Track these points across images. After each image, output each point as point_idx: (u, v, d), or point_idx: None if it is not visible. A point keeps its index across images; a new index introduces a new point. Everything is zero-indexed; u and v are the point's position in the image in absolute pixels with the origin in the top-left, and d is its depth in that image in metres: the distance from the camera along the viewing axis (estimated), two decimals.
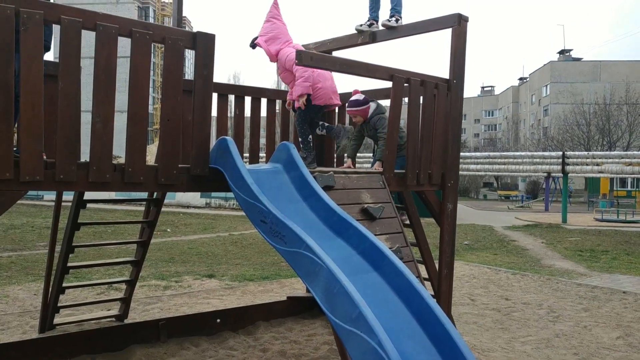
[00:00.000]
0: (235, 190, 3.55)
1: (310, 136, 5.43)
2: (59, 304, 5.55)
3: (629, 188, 45.38)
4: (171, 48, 3.64)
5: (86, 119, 3.73)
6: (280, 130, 6.27)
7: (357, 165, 6.66)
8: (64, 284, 5.43)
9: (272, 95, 6.04)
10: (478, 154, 30.51)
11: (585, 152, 27.29)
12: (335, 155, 6.42)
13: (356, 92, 5.57)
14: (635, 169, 22.64)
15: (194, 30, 3.91)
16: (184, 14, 6.08)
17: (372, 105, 5.39)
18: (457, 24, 5.12)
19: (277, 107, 6.21)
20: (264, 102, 5.90)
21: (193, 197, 26.34)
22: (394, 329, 2.74)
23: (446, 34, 5.30)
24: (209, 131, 3.88)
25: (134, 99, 3.52)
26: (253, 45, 5.41)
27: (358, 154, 5.83)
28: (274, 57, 5.30)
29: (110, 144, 3.43)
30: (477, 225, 20.61)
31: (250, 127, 6.11)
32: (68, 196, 4.90)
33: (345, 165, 5.65)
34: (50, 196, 25.31)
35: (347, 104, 5.51)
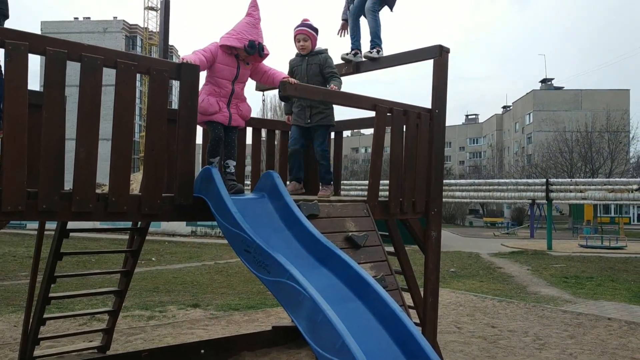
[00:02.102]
0: (219, 219, 3.55)
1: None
2: (40, 336, 5.44)
3: (613, 214, 45.86)
4: (156, 79, 3.67)
5: (71, 147, 3.73)
6: (266, 159, 6.31)
7: (342, 192, 6.70)
8: (45, 315, 5.33)
9: (257, 124, 6.08)
10: (463, 181, 30.74)
11: (569, 179, 27.64)
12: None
13: (306, 19, 5.41)
14: (617, 195, 22.92)
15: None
16: (171, 44, 6.16)
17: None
18: (439, 55, 5.23)
19: (262, 135, 6.24)
20: (249, 130, 5.94)
21: (179, 226, 26.18)
22: (377, 358, 2.74)
23: (428, 64, 5.42)
24: (194, 161, 3.89)
25: (118, 129, 3.54)
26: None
27: (344, 181, 5.86)
28: None
29: (93, 174, 3.43)
30: (463, 252, 20.65)
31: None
32: (51, 225, 4.86)
33: (286, 119, 5.73)
34: (33, 225, 24.96)
35: (300, 25, 5.33)
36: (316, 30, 5.33)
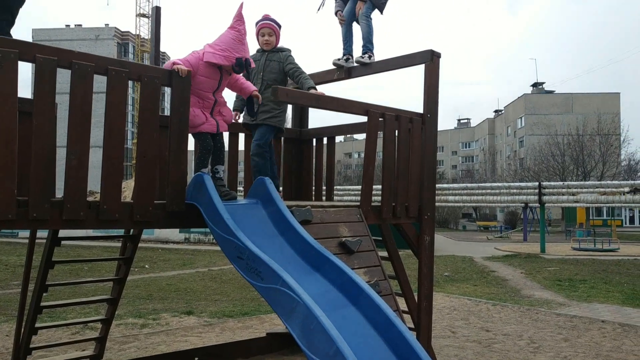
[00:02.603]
0: (212, 226, 3.53)
1: None
2: (32, 345, 5.38)
3: (605, 217, 46.10)
4: (147, 86, 3.66)
5: (62, 155, 3.71)
6: None
7: (335, 197, 6.69)
8: (37, 324, 5.28)
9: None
10: (456, 185, 30.83)
11: (561, 183, 27.80)
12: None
13: (268, 14, 5.14)
14: (609, 198, 23.05)
15: None
16: (163, 51, 6.15)
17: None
18: (430, 60, 5.25)
19: None
20: (241, 136, 5.93)
21: (172, 233, 26.07)
22: None
23: (414, 71, 5.44)
24: (186, 167, 3.88)
25: (109, 136, 3.52)
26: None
27: (337, 187, 5.84)
28: None
29: (85, 182, 3.41)
30: (457, 256, 20.68)
31: (228, 162, 6.11)
32: (43, 233, 4.82)
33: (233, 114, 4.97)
34: (25, 233, 24.80)
35: (265, 19, 5.05)
36: (279, 26, 5.11)
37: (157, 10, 5.78)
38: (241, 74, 4.24)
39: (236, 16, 4.09)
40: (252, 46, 5.13)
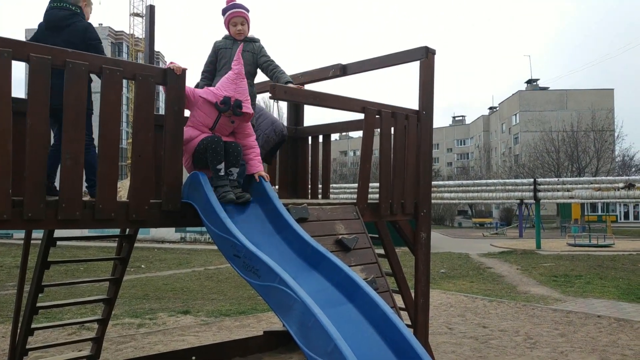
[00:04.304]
0: (208, 225, 3.52)
1: None
2: (28, 346, 5.37)
3: (600, 212, 46.30)
4: (142, 84, 3.65)
5: None
6: None
7: (331, 196, 6.69)
8: (33, 325, 5.27)
9: None
10: (451, 182, 30.86)
11: (556, 179, 27.87)
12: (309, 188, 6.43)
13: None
14: (604, 194, 23.13)
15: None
16: (157, 50, 6.12)
17: None
18: (425, 56, 5.25)
19: None
20: None
21: (168, 232, 26.01)
22: None
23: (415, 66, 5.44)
24: (181, 166, 3.86)
25: (104, 135, 3.50)
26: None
27: (333, 185, 5.81)
28: None
29: (80, 181, 3.40)
30: (453, 253, 20.71)
31: None
32: (38, 234, 4.80)
33: None
34: (20, 234, 24.71)
35: (237, 6, 4.71)
36: (248, 12, 4.80)
37: (151, 9, 5.76)
38: (227, 113, 3.92)
39: (235, 56, 4.03)
40: (218, 35, 4.99)
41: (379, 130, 5.00)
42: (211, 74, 4.78)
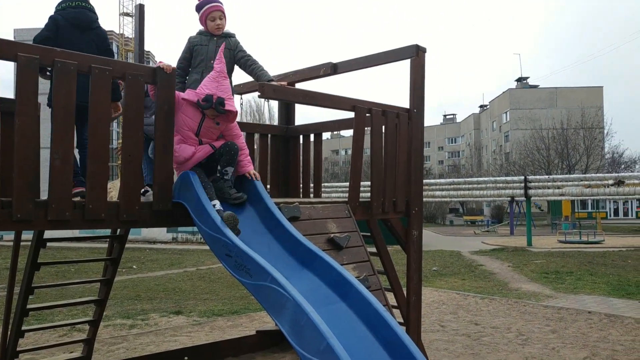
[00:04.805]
0: (199, 224, 3.51)
1: None
2: (19, 348, 5.33)
3: (590, 209, 46.59)
4: (132, 84, 3.62)
5: (46, 156, 3.66)
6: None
7: (323, 195, 6.69)
8: (24, 327, 5.23)
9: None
10: (443, 180, 30.95)
11: (546, 176, 28.01)
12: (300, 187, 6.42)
13: None
14: (594, 190, 23.29)
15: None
16: (148, 49, 6.08)
17: None
18: (415, 55, 5.26)
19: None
20: None
21: (159, 232, 25.90)
22: (362, 359, 2.73)
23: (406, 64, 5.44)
24: (172, 166, 3.84)
25: (94, 135, 3.48)
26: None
27: (325, 184, 5.80)
28: None
29: (69, 182, 3.37)
30: (444, 251, 20.78)
31: None
32: (28, 235, 4.76)
33: None
34: (9, 236, 24.52)
35: (210, 1, 4.54)
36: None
37: (140, 8, 5.73)
38: (210, 112, 3.85)
39: (217, 55, 3.98)
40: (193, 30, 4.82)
41: (370, 128, 5.00)
42: (185, 70, 4.64)
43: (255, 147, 6.30)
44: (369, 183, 5.12)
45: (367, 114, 4.89)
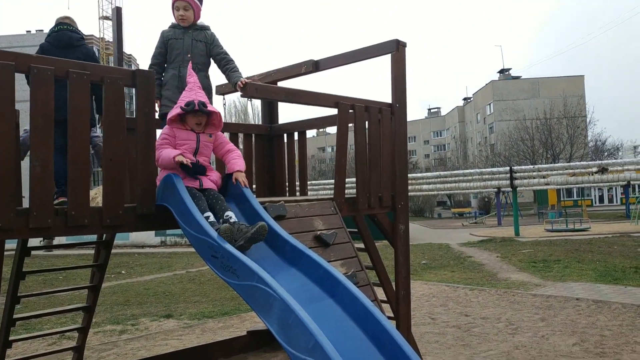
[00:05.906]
0: (184, 227, 3.48)
1: None
2: (7, 359, 5.27)
3: (575, 197, 47.08)
4: (111, 87, 3.59)
5: (25, 164, 3.62)
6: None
7: (311, 193, 6.67)
8: (11, 337, 5.17)
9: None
10: (429, 174, 31.06)
11: (531, 166, 28.24)
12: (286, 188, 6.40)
13: None
14: (578, 178, 23.52)
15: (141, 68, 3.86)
16: (129, 52, 6.04)
17: None
18: (396, 49, 5.26)
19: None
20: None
21: (148, 237, 25.70)
22: (351, 355, 2.72)
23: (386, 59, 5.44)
24: (155, 169, 3.81)
25: (74, 140, 3.44)
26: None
27: (312, 182, 5.79)
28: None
29: (50, 188, 3.33)
30: (433, 244, 20.88)
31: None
32: (12, 244, 4.70)
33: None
34: None
35: None
36: (200, 0, 4.52)
37: (118, 11, 5.68)
38: (195, 116, 3.81)
39: (188, 72, 4.00)
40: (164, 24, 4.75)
41: (353, 125, 5.00)
42: (160, 66, 4.52)
43: (240, 147, 6.27)
44: (354, 179, 5.12)
45: (350, 110, 4.89)
